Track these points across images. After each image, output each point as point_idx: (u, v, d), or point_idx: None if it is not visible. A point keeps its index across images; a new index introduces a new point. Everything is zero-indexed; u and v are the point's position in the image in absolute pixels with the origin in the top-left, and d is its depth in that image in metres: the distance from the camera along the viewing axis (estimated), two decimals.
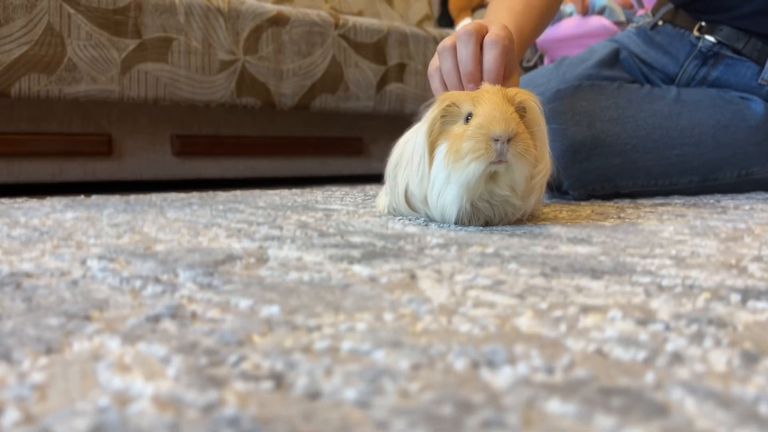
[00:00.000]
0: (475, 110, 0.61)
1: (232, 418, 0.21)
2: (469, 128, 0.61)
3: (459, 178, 0.61)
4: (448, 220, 0.65)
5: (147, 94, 1.17)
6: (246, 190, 1.20)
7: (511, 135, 0.60)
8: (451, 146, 0.61)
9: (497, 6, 0.82)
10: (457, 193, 0.62)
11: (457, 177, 0.61)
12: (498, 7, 0.82)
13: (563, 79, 1.04)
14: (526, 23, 0.81)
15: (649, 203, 0.92)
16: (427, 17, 2.03)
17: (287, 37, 1.32)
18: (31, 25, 1.05)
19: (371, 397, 0.22)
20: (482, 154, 0.59)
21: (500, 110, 0.60)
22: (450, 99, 0.63)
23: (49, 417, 0.21)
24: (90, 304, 0.35)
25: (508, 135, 0.59)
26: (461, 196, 0.62)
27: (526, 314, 0.33)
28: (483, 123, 0.60)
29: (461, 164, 0.60)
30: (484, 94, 0.62)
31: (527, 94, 0.65)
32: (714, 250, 0.51)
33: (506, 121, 0.60)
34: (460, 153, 0.60)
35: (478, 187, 0.62)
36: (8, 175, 1.11)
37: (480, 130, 0.60)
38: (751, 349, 0.27)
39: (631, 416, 0.21)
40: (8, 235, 0.59)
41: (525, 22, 0.81)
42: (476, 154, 0.59)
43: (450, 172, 0.61)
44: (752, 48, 1.01)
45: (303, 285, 0.39)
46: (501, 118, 0.60)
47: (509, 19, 0.78)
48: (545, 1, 0.84)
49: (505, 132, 0.59)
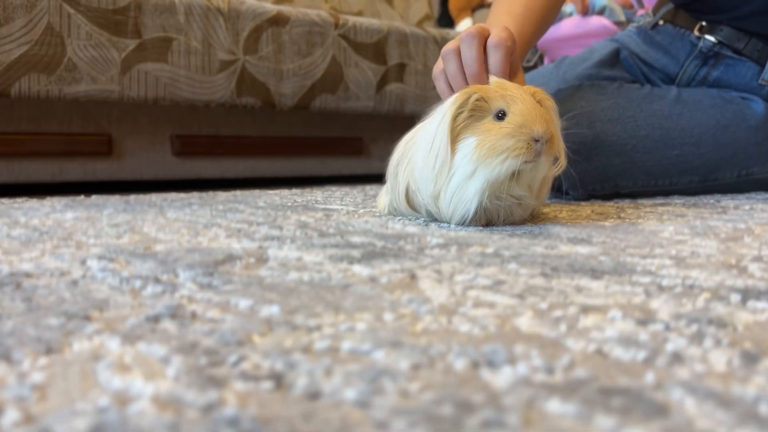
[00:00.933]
0: (510, 108, 0.61)
1: (232, 418, 0.21)
2: (506, 126, 0.60)
3: (488, 174, 0.60)
4: (458, 217, 0.64)
5: (147, 94, 1.17)
6: (246, 190, 1.20)
7: (548, 137, 0.61)
8: (483, 141, 0.61)
9: (498, 9, 0.83)
10: (480, 188, 0.61)
11: (487, 172, 0.60)
12: (499, 11, 0.83)
13: (563, 79, 1.04)
14: (527, 26, 0.82)
15: (649, 203, 0.92)
16: (427, 17, 2.03)
17: (287, 37, 1.32)
18: (31, 25, 1.05)
19: (371, 397, 0.22)
20: (522, 153, 0.60)
21: (538, 111, 0.61)
22: (479, 93, 0.62)
23: (49, 417, 0.21)
24: (90, 304, 0.34)
25: (547, 136, 0.60)
26: (483, 192, 0.61)
27: (526, 314, 0.33)
28: (524, 123, 0.60)
29: (496, 160, 0.60)
30: (515, 92, 0.62)
31: (543, 93, 0.65)
32: (714, 250, 0.51)
33: (546, 123, 0.61)
34: (496, 149, 0.60)
35: (503, 184, 0.61)
36: (8, 175, 1.11)
37: (522, 129, 0.60)
38: (751, 349, 0.27)
39: (631, 416, 0.21)
40: (8, 235, 0.59)
41: (525, 24, 0.82)
42: (516, 153, 0.60)
43: (477, 167, 0.61)
44: (752, 48, 1.01)
45: (303, 285, 0.39)
46: (541, 119, 0.61)
47: (510, 21, 0.79)
48: (545, 4, 0.85)
49: (546, 133, 0.60)
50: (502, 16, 0.81)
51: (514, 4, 0.82)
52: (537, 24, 0.84)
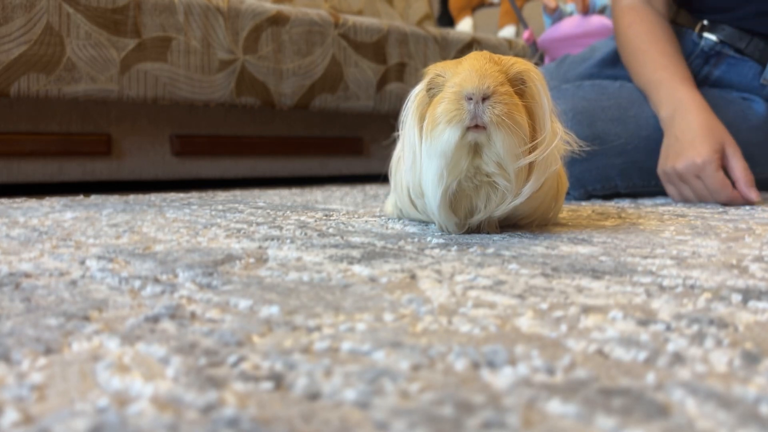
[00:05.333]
0: (453, 75, 0.55)
1: (232, 419, 0.21)
2: (444, 93, 0.55)
3: (436, 149, 0.54)
4: (432, 207, 0.57)
5: (146, 93, 1.16)
6: (245, 190, 1.20)
7: (487, 93, 0.52)
8: (430, 115, 0.55)
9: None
10: (437, 168, 0.54)
11: (435, 148, 0.54)
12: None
13: (564, 78, 1.04)
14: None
15: (650, 203, 0.91)
16: (427, 16, 2.03)
17: (287, 36, 1.31)
18: (30, 25, 1.05)
19: (371, 398, 0.22)
20: (454, 117, 0.53)
21: (478, 69, 0.54)
22: (435, 70, 0.58)
23: (48, 417, 0.21)
24: (89, 305, 0.34)
25: (482, 92, 0.52)
26: (442, 171, 0.54)
27: (527, 314, 0.33)
28: (457, 82, 0.54)
29: (435, 133, 0.54)
30: (466, 58, 0.56)
31: (526, 65, 0.57)
32: (715, 251, 0.51)
33: (480, 78, 0.53)
34: (435, 121, 0.54)
35: (460, 161, 0.54)
36: (7, 174, 1.11)
37: (453, 89, 0.54)
38: (752, 350, 0.27)
39: (632, 417, 0.21)
40: (7, 235, 0.59)
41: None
42: (448, 117, 0.53)
43: (429, 145, 0.55)
44: (754, 48, 1.01)
45: (303, 285, 0.39)
46: (479, 76, 0.53)
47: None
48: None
49: (478, 89, 0.52)
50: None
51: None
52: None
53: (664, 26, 0.99)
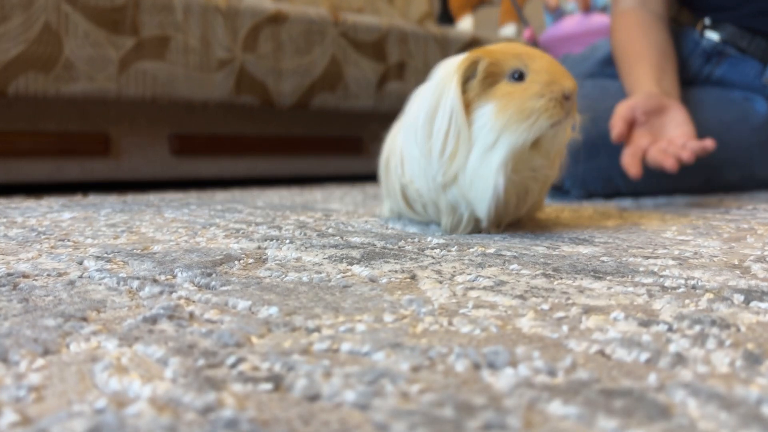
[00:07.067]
0: (530, 66, 0.55)
1: (230, 420, 0.21)
2: (532, 85, 0.54)
3: (514, 141, 0.53)
4: (486, 201, 0.55)
5: (145, 92, 1.16)
6: (244, 189, 1.19)
7: (575, 93, 0.55)
8: (505, 106, 0.54)
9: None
10: (503, 159, 0.54)
11: (512, 140, 0.53)
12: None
13: None
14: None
15: (652, 203, 0.91)
16: (427, 15, 2.02)
17: (286, 35, 1.31)
18: (28, 24, 1.05)
19: (371, 399, 0.22)
20: (554, 114, 0.54)
21: (560, 66, 0.56)
22: (487, 57, 0.55)
23: (45, 419, 0.21)
24: (87, 305, 0.34)
25: (574, 93, 0.55)
26: (507, 163, 0.54)
27: (528, 315, 0.33)
28: (553, 79, 0.54)
29: (523, 125, 0.53)
30: (529, 50, 0.57)
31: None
32: (717, 251, 0.51)
33: (570, 79, 0.55)
34: (524, 112, 0.53)
35: (524, 153, 0.55)
36: (5, 174, 1.10)
37: (552, 87, 0.54)
38: (755, 350, 0.27)
39: (634, 418, 0.21)
40: (5, 235, 0.59)
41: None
42: (548, 113, 0.54)
43: (500, 136, 0.54)
44: (756, 47, 1.01)
45: (302, 286, 0.39)
46: (567, 74, 0.55)
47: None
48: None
49: (573, 91, 0.54)
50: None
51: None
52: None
53: (657, 31, 0.97)
